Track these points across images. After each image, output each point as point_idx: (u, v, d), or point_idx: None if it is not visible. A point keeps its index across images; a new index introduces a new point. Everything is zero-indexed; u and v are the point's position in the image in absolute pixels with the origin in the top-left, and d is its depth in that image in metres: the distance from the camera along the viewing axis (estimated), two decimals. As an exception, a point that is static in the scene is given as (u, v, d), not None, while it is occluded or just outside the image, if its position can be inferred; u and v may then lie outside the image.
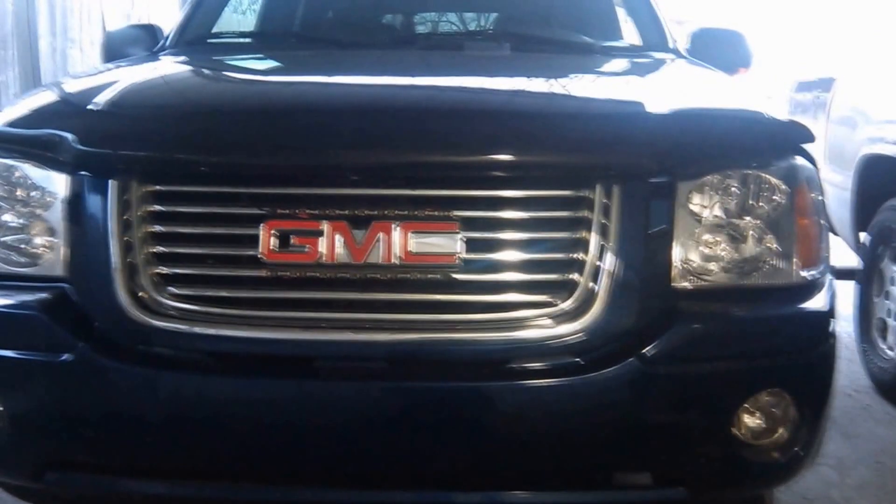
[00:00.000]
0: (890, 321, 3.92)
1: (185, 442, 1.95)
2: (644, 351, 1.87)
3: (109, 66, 2.87)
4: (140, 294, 1.91)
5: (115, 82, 2.29)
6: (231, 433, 1.91)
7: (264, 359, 1.92)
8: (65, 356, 1.89)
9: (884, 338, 3.98)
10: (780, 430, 2.00)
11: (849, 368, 4.09)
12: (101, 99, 2.13)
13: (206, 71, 2.82)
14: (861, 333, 4.18)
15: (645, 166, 1.93)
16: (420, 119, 2.06)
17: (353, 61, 2.83)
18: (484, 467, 1.93)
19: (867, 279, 4.12)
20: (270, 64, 3.04)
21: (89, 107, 2.10)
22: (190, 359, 1.92)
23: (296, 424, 1.90)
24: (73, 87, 2.51)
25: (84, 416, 1.94)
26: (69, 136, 1.98)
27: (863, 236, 4.26)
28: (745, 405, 1.96)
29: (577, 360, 1.88)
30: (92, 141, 1.99)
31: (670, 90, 2.41)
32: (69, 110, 2.23)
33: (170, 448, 1.96)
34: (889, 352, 3.91)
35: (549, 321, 1.88)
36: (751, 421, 1.98)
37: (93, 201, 1.95)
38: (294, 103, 2.27)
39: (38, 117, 2.18)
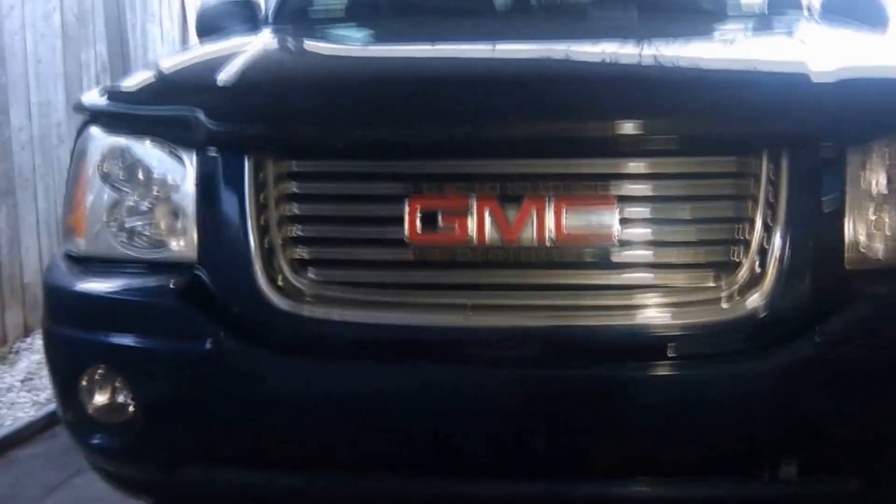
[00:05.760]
0: None
1: (324, 431, 1.85)
2: (817, 334, 1.73)
3: (219, 40, 2.76)
4: (279, 279, 1.82)
5: (234, 56, 2.17)
6: (375, 423, 1.82)
7: (409, 345, 1.81)
8: (205, 344, 1.81)
9: None
10: None
11: None
12: (227, 73, 2.02)
13: (328, 44, 2.70)
14: None
15: (813, 133, 1.80)
16: (572, 88, 1.92)
17: (481, 29, 2.70)
18: (650, 457, 1.82)
19: None
20: (392, 33, 2.89)
21: (215, 81, 1.99)
22: (332, 346, 1.82)
23: (446, 414, 1.79)
24: (188, 61, 2.42)
25: (227, 406, 1.85)
26: (199, 112, 1.88)
27: None
28: None
29: (746, 344, 1.75)
30: (224, 116, 1.89)
31: (824, 52, 2.23)
32: (192, 85, 2.13)
33: (308, 438, 1.86)
34: None
35: (713, 303, 1.75)
36: None
37: (225, 181, 1.86)
38: (434, 73, 2.12)
39: (159, 94, 2.11)
